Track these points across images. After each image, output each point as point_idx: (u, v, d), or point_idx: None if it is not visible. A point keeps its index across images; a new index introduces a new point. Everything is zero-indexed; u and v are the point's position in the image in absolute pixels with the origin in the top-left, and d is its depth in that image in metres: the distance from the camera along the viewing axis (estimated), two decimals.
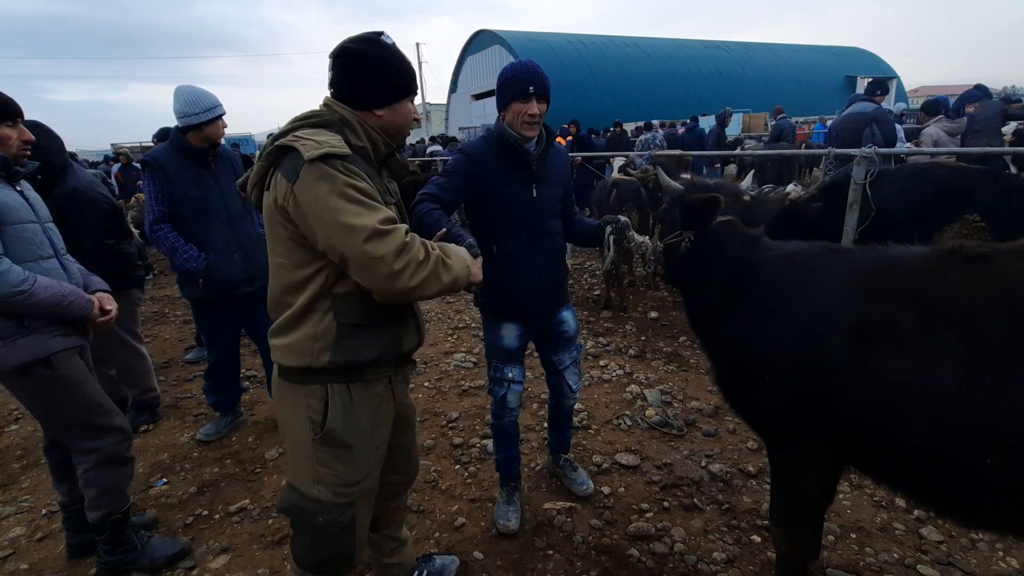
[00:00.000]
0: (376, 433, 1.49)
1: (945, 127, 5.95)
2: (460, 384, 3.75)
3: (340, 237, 1.21)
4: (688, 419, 3.13)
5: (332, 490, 1.41)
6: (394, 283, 1.24)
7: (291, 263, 1.33)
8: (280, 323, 1.39)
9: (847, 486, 2.47)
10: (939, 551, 2.09)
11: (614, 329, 4.70)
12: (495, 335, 2.17)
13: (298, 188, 1.22)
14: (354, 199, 1.23)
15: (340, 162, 1.24)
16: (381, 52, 1.37)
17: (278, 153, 1.29)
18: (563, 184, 2.15)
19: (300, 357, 1.35)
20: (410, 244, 1.27)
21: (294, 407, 1.41)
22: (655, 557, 2.13)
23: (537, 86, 1.87)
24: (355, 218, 1.21)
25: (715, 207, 1.80)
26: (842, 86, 32.57)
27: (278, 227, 1.31)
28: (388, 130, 1.43)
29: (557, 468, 2.60)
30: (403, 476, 1.77)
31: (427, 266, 1.29)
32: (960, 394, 1.20)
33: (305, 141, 1.24)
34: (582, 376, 2.39)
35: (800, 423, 1.55)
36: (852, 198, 3.90)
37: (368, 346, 1.40)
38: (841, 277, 1.51)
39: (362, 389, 1.43)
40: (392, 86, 1.41)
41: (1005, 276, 1.25)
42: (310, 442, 1.39)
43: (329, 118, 1.35)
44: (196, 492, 2.67)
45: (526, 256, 2.04)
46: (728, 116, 10.43)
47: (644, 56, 30.32)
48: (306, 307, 1.34)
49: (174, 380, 4.09)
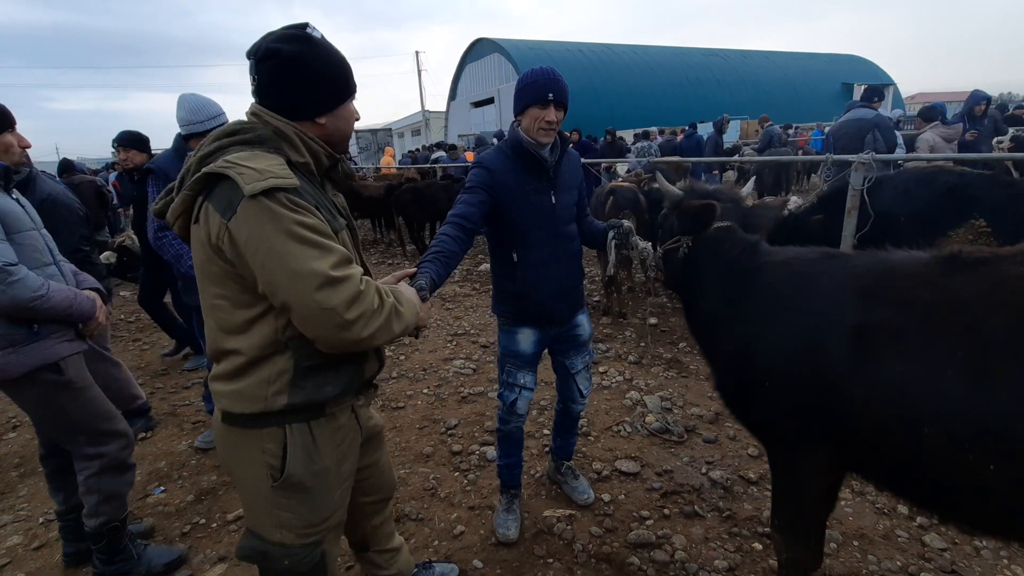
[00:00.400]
0: (342, 467, 1.36)
1: (941, 133, 5.98)
2: (459, 391, 3.74)
3: (286, 285, 1.06)
4: (688, 425, 3.12)
5: (296, 532, 1.28)
6: (344, 334, 1.11)
7: (230, 304, 1.17)
8: (224, 370, 1.21)
9: (849, 493, 2.46)
10: (943, 559, 2.07)
11: (613, 335, 4.69)
12: (511, 339, 2.16)
13: (235, 226, 1.06)
14: (303, 239, 1.07)
15: (285, 195, 1.08)
16: (316, 51, 1.20)
17: (207, 181, 1.10)
18: (577, 188, 2.16)
19: (252, 403, 1.19)
20: (364, 292, 1.13)
21: (246, 454, 1.25)
22: (656, 565, 2.11)
23: (556, 93, 1.86)
24: (305, 263, 1.06)
25: (711, 213, 1.80)
26: (839, 93, 32.75)
27: (212, 265, 1.14)
28: (331, 138, 1.27)
29: (558, 475, 2.58)
30: (381, 494, 1.67)
31: (380, 315, 1.16)
32: (961, 399, 1.20)
33: (242, 170, 1.06)
34: (591, 380, 2.38)
35: (801, 429, 1.54)
36: (850, 204, 3.91)
37: (330, 383, 1.26)
38: (840, 282, 1.50)
39: (325, 424, 1.29)
40: (333, 90, 1.24)
41: (1006, 281, 1.25)
42: (268, 489, 1.24)
43: (263, 133, 1.17)
44: (194, 500, 2.65)
45: (547, 263, 2.04)
46: (725, 123, 10.47)
47: (643, 64, 30.52)
48: (258, 353, 1.18)
49: (172, 387, 4.07)
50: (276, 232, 1.05)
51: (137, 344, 5.07)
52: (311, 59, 1.18)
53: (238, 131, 1.17)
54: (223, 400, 1.23)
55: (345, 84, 1.26)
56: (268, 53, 1.16)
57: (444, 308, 5.70)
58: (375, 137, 21.85)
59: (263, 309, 1.16)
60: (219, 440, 1.31)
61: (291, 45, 1.16)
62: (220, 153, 1.14)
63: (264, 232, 1.05)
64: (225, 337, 1.20)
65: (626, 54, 31.21)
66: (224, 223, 1.07)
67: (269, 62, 1.16)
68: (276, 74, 1.17)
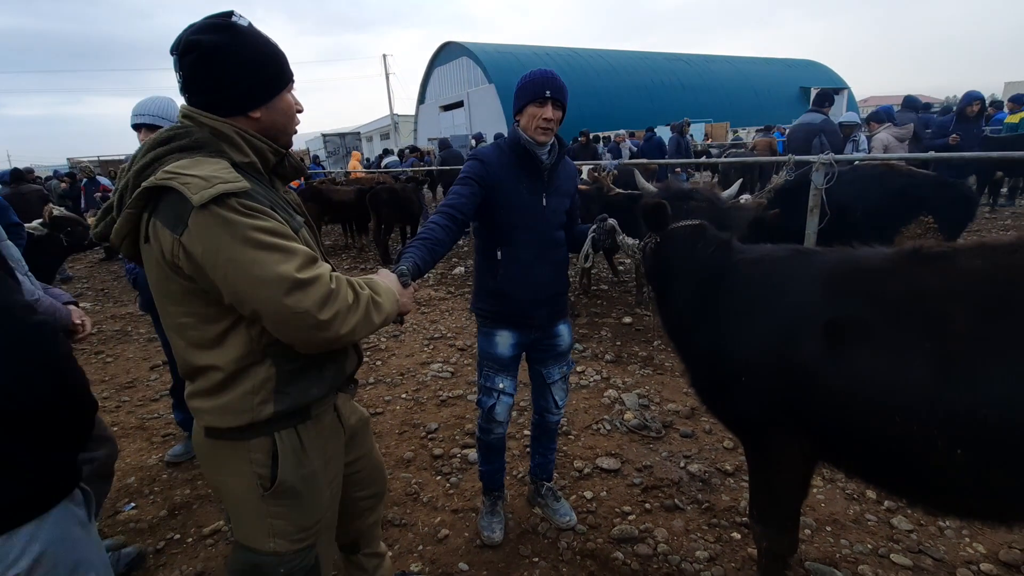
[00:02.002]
0: (329, 468, 1.35)
1: (894, 133, 6.27)
2: (438, 394, 3.72)
3: (253, 293, 1.02)
4: (666, 421, 3.18)
5: (289, 538, 1.26)
6: (323, 333, 1.07)
7: (197, 320, 1.11)
8: (203, 387, 1.16)
9: (820, 480, 2.55)
10: (910, 540, 2.17)
11: (590, 335, 4.74)
12: (489, 341, 2.13)
13: (188, 240, 1.00)
14: (264, 244, 1.02)
15: (236, 200, 1.02)
16: (240, 41, 1.12)
17: (149, 196, 1.03)
18: (570, 195, 2.15)
19: (238, 416, 1.15)
20: (337, 290, 1.09)
21: (233, 467, 1.21)
22: (639, 559, 2.15)
23: (554, 91, 1.86)
24: (269, 268, 1.01)
25: (662, 212, 1.83)
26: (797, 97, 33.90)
27: (170, 283, 1.08)
28: (270, 132, 1.20)
29: (539, 497, 2.46)
30: (374, 488, 1.64)
31: (358, 309, 1.13)
32: (930, 388, 1.26)
33: (186, 179, 0.99)
34: (568, 391, 2.35)
35: (776, 421, 1.59)
36: (812, 203, 4.07)
37: (315, 384, 1.25)
38: (811, 278, 1.56)
39: (312, 426, 1.28)
40: (265, 80, 1.16)
41: (965, 273, 1.32)
42: (258, 499, 1.21)
43: (200, 136, 1.10)
44: (167, 515, 2.57)
45: (531, 265, 2.02)
46: (686, 126, 10.75)
47: (608, 68, 30.94)
48: (237, 366, 1.13)
49: (139, 400, 3.92)
50: (233, 240, 1.00)
51: (100, 357, 4.87)
52: (236, 49, 1.11)
53: (172, 138, 1.10)
54: (206, 416, 1.18)
55: (277, 74, 1.18)
56: (189, 46, 1.09)
57: (420, 312, 5.67)
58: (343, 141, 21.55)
59: (233, 320, 1.12)
60: (202, 456, 1.26)
61: (213, 35, 1.09)
62: (157, 164, 1.07)
63: (221, 242, 1.00)
64: (198, 353, 1.14)
65: (592, 58, 31.61)
66: (176, 238, 1.01)
67: (190, 55, 1.09)
68: (199, 68, 1.10)
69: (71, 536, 1.24)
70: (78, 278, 8.46)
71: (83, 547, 1.27)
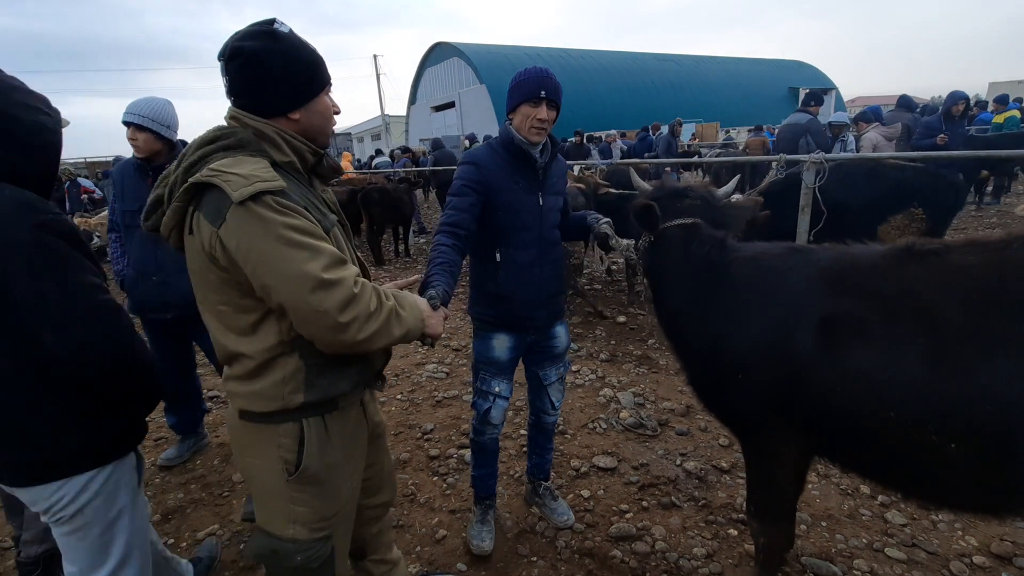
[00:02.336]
0: (351, 460, 1.40)
1: (882, 132, 6.36)
2: (433, 395, 3.71)
3: (279, 288, 1.08)
4: (661, 419, 3.20)
5: (309, 527, 1.30)
6: (340, 336, 1.12)
7: (232, 309, 1.19)
8: (239, 372, 1.23)
9: (815, 476, 2.57)
10: (904, 534, 2.20)
11: (584, 335, 4.76)
12: (486, 345, 2.10)
13: (225, 233, 1.07)
14: (294, 242, 1.08)
15: (272, 198, 1.09)
16: (282, 46, 1.19)
17: (195, 191, 1.11)
18: (563, 194, 2.14)
19: (270, 403, 1.22)
20: (359, 295, 1.14)
21: (262, 449, 1.26)
22: (637, 557, 2.16)
23: (549, 91, 1.84)
24: (296, 266, 1.07)
25: (651, 213, 1.84)
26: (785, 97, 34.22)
27: (209, 273, 1.15)
28: (308, 133, 1.27)
29: (536, 497, 2.46)
30: (383, 497, 1.68)
31: (378, 318, 1.17)
32: (924, 383, 1.28)
33: (228, 176, 1.07)
34: (565, 392, 2.35)
35: (772, 418, 1.61)
36: (804, 201, 4.10)
37: (342, 378, 1.29)
38: (806, 275, 1.57)
39: (337, 417, 1.32)
40: (303, 83, 1.24)
41: (957, 269, 1.34)
42: (283, 483, 1.26)
43: (243, 136, 1.18)
44: (160, 520, 2.54)
45: (530, 265, 2.00)
46: (678, 126, 10.84)
47: (600, 68, 31.07)
48: (267, 356, 1.20)
49: None
50: (266, 236, 1.07)
51: None
52: (276, 54, 1.18)
53: (218, 137, 1.17)
54: (240, 400, 1.26)
55: (315, 77, 1.25)
56: (234, 52, 1.17)
57: None
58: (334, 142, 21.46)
59: (264, 312, 1.18)
60: (234, 437, 1.33)
61: (255, 42, 1.17)
62: (204, 162, 1.14)
63: (254, 237, 1.07)
64: (233, 339, 1.21)
65: (583, 59, 31.72)
66: (215, 231, 1.08)
67: (235, 60, 1.17)
68: (243, 72, 1.18)
69: (117, 494, 1.45)
70: None
71: (125, 506, 1.48)
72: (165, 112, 2.60)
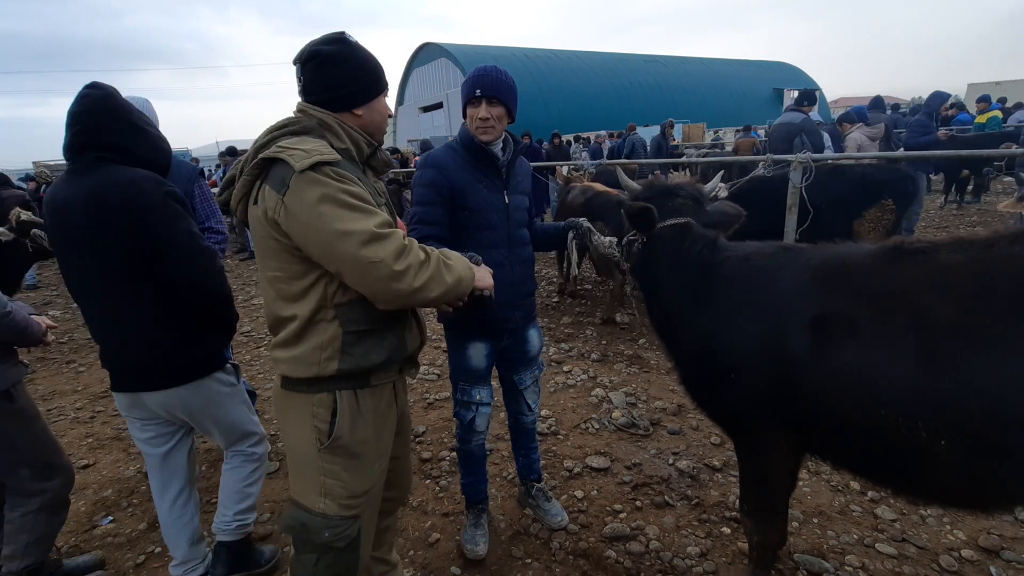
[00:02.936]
0: (381, 440, 1.47)
1: (866, 132, 6.43)
2: (425, 397, 3.69)
3: (336, 244, 1.19)
4: (653, 419, 3.21)
5: (339, 502, 1.38)
6: (397, 284, 1.21)
7: (286, 275, 1.31)
8: (283, 337, 1.35)
9: (806, 473, 2.59)
10: (894, 529, 2.22)
11: (575, 335, 4.76)
12: (462, 356, 2.08)
13: (289, 199, 1.20)
14: (348, 204, 1.21)
15: (330, 168, 1.22)
16: (351, 51, 1.37)
17: (263, 165, 1.26)
18: (527, 193, 2.14)
19: (308, 368, 1.33)
20: (409, 246, 1.25)
21: (298, 417, 1.37)
22: (632, 557, 2.16)
23: (485, 89, 1.82)
24: (350, 223, 1.19)
25: (648, 216, 1.83)
26: (771, 98, 34.62)
27: (269, 240, 1.28)
28: (368, 128, 1.43)
29: (530, 499, 2.45)
30: (398, 491, 1.73)
31: (429, 266, 1.27)
32: (915, 380, 1.29)
33: (292, 151, 1.21)
34: (540, 392, 2.35)
35: (765, 416, 1.61)
36: (791, 200, 4.16)
37: (375, 350, 1.38)
38: (798, 274, 1.58)
39: (369, 395, 1.41)
40: (368, 84, 1.40)
41: (945, 268, 1.36)
42: (315, 453, 1.36)
43: (308, 124, 1.33)
44: (147, 528, 2.49)
45: (501, 266, 1.96)
46: (670, 127, 10.91)
47: (587, 69, 31.17)
48: (309, 319, 1.31)
49: (115, 410, 3.80)
50: (324, 199, 1.19)
51: (72, 366, 4.72)
52: (347, 57, 1.36)
53: (286, 124, 1.33)
54: (283, 366, 1.36)
55: (378, 80, 1.43)
56: (310, 54, 1.34)
57: None
58: None
59: (315, 278, 1.29)
60: (277, 404, 1.46)
61: (330, 46, 1.34)
62: (273, 142, 1.28)
63: (312, 200, 1.19)
64: (284, 305, 1.33)
65: (571, 60, 31.80)
66: (280, 198, 1.21)
67: (312, 62, 1.34)
68: (317, 71, 1.34)
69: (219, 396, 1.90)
70: (47, 285, 8.19)
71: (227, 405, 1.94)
72: (147, 111, 2.56)
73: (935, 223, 8.29)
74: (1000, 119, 9.13)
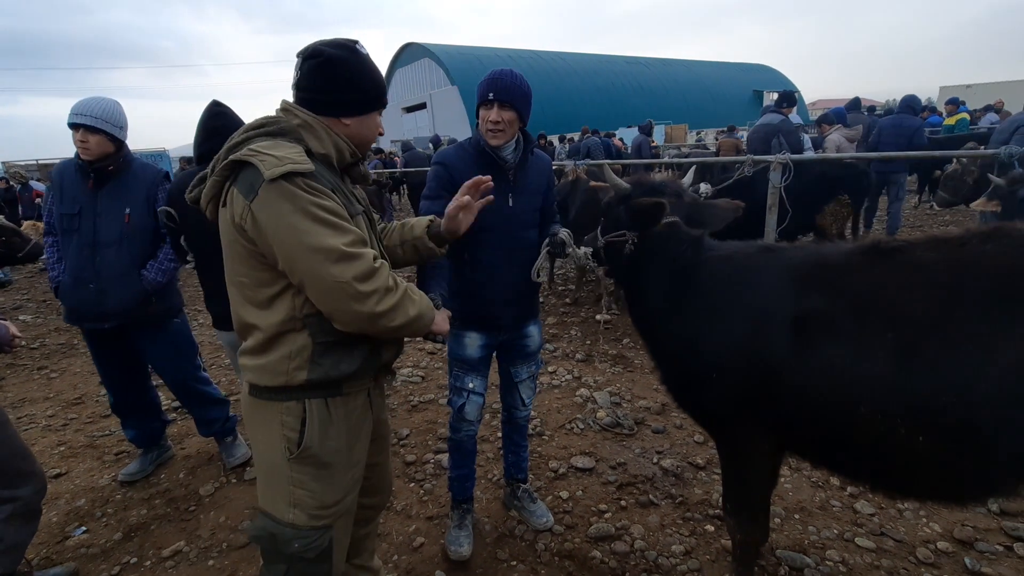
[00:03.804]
0: (354, 450, 1.42)
1: (845, 134, 6.57)
2: (409, 399, 3.65)
3: (303, 260, 1.15)
4: (638, 418, 3.22)
5: (308, 513, 1.33)
6: (359, 307, 1.18)
7: (252, 282, 1.26)
8: (251, 345, 1.31)
9: (787, 470, 2.62)
10: (872, 523, 2.26)
11: (560, 335, 4.76)
12: (458, 342, 2.10)
13: (256, 207, 1.16)
14: (319, 219, 1.16)
15: (302, 179, 1.17)
16: (357, 60, 1.33)
17: (234, 167, 1.21)
18: (542, 193, 2.10)
19: (276, 377, 1.28)
20: (379, 270, 1.21)
21: (267, 425, 1.32)
22: (617, 556, 2.16)
23: (497, 92, 1.83)
24: (320, 239, 1.15)
25: (660, 210, 1.81)
26: (751, 99, 35.16)
27: (236, 244, 1.23)
28: (354, 140, 1.38)
29: (515, 500, 2.44)
30: (377, 498, 1.70)
31: (395, 294, 1.24)
32: (893, 378, 1.31)
33: (263, 156, 1.16)
34: (536, 389, 2.35)
35: (746, 415, 1.62)
36: (770, 200, 4.21)
37: (345, 360, 1.33)
38: (779, 274, 1.59)
39: (341, 404, 1.36)
40: (364, 97, 1.37)
41: (921, 266, 1.38)
42: (285, 462, 1.30)
43: (286, 125, 1.28)
44: (122, 538, 2.42)
45: (497, 267, 1.99)
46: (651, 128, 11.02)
47: (570, 70, 31.33)
48: (277, 329, 1.26)
49: (88, 417, 3.71)
50: (293, 211, 1.15)
51: (43, 372, 4.58)
52: (350, 65, 1.31)
53: (264, 124, 1.28)
54: (249, 373, 1.32)
55: (375, 96, 1.39)
56: (314, 52, 1.30)
57: None
58: None
59: (282, 287, 1.25)
60: (245, 412, 1.40)
61: (336, 50, 1.30)
62: (246, 143, 1.23)
63: (282, 212, 1.15)
64: (251, 311, 1.29)
65: (553, 60, 31.94)
66: (247, 204, 1.17)
67: (313, 60, 1.29)
68: (315, 70, 1.30)
69: None
70: (18, 289, 7.95)
71: None
72: (116, 112, 2.50)
73: (910, 222, 8.47)
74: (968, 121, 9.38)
